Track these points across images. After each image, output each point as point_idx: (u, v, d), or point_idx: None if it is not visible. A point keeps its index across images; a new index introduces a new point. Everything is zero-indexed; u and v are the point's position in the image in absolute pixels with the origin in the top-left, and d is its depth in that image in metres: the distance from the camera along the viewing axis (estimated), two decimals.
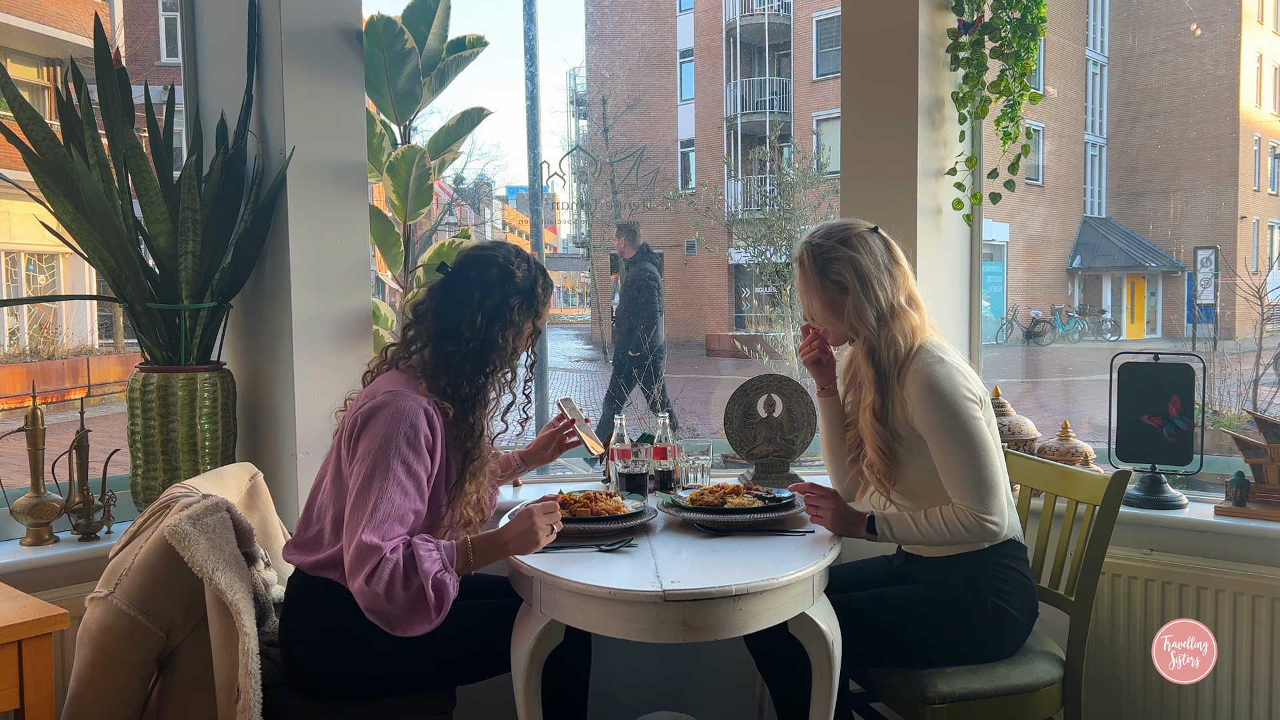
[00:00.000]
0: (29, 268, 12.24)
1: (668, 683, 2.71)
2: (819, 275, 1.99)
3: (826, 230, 2.02)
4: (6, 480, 2.26)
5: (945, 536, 1.92)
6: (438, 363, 1.84)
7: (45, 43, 10.88)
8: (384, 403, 1.79)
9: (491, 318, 1.83)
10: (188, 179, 2.29)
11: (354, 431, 1.81)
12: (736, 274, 21.15)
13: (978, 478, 1.88)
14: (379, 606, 1.72)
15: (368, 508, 1.72)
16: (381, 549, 1.69)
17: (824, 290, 1.99)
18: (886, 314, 1.95)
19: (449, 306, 1.85)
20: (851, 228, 2.01)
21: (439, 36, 2.97)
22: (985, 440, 1.90)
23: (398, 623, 1.74)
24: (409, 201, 2.93)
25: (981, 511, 1.88)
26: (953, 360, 1.95)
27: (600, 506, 2.07)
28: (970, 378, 1.95)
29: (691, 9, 22.75)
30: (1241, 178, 18.18)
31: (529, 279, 1.88)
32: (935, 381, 1.89)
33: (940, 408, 1.88)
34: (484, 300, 1.83)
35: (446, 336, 1.84)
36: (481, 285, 1.84)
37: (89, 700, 1.74)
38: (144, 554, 1.76)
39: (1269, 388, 5.49)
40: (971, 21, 2.51)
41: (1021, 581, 2.01)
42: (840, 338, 2.06)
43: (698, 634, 1.68)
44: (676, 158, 22.72)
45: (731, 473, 2.74)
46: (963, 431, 1.88)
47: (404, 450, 1.75)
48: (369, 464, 1.75)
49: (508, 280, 1.85)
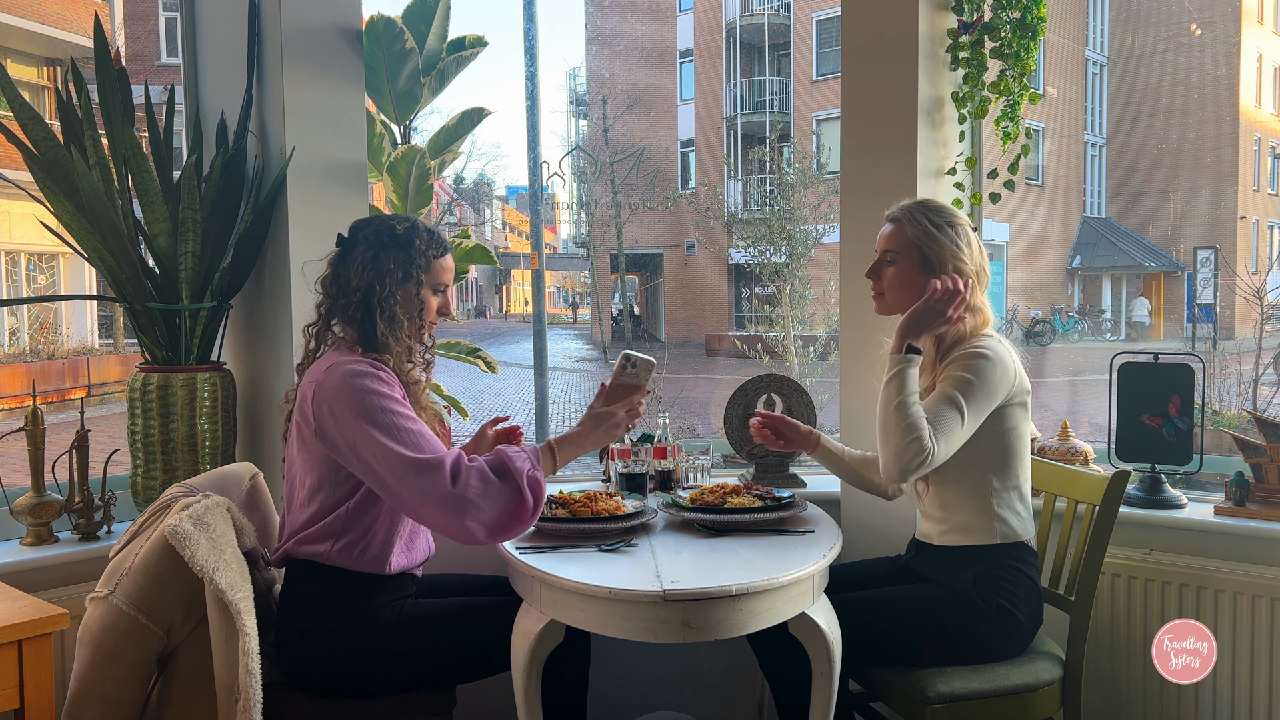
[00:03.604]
0: (29, 268, 12.23)
1: (668, 683, 2.72)
2: (919, 242, 1.99)
3: (938, 206, 2.03)
4: (6, 480, 2.26)
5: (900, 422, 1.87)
6: (344, 321, 1.93)
7: (45, 43, 10.88)
8: (332, 377, 1.81)
9: (369, 267, 1.91)
10: (188, 179, 2.29)
11: (313, 415, 1.81)
12: (736, 274, 21.17)
13: (951, 426, 1.88)
14: (471, 510, 1.72)
15: (395, 449, 1.73)
16: (440, 456, 1.74)
17: (913, 258, 2.00)
18: (965, 308, 1.97)
19: (342, 268, 1.94)
20: (961, 217, 2.04)
21: (439, 36, 2.97)
22: (971, 414, 1.89)
23: (494, 526, 1.75)
24: (409, 201, 2.93)
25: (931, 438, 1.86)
26: (1003, 350, 1.95)
27: (600, 506, 2.07)
28: (1009, 375, 1.95)
29: (691, 9, 22.75)
30: (1241, 178, 18.18)
31: (409, 233, 1.95)
32: (988, 355, 1.91)
33: (969, 370, 1.90)
34: (365, 253, 1.92)
35: (340, 293, 1.93)
36: (365, 242, 1.93)
37: (89, 700, 1.74)
38: (144, 554, 1.76)
39: (1269, 388, 5.49)
40: (971, 21, 2.51)
41: (1029, 585, 2.01)
42: (894, 307, 2.05)
43: (698, 634, 1.68)
44: (676, 158, 22.73)
45: (731, 473, 2.74)
46: (967, 396, 1.89)
47: (378, 394, 1.78)
48: (362, 427, 1.75)
49: (387, 234, 1.94)
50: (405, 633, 1.87)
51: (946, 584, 2.02)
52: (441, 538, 1.88)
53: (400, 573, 1.93)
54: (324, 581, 1.86)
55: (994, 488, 1.99)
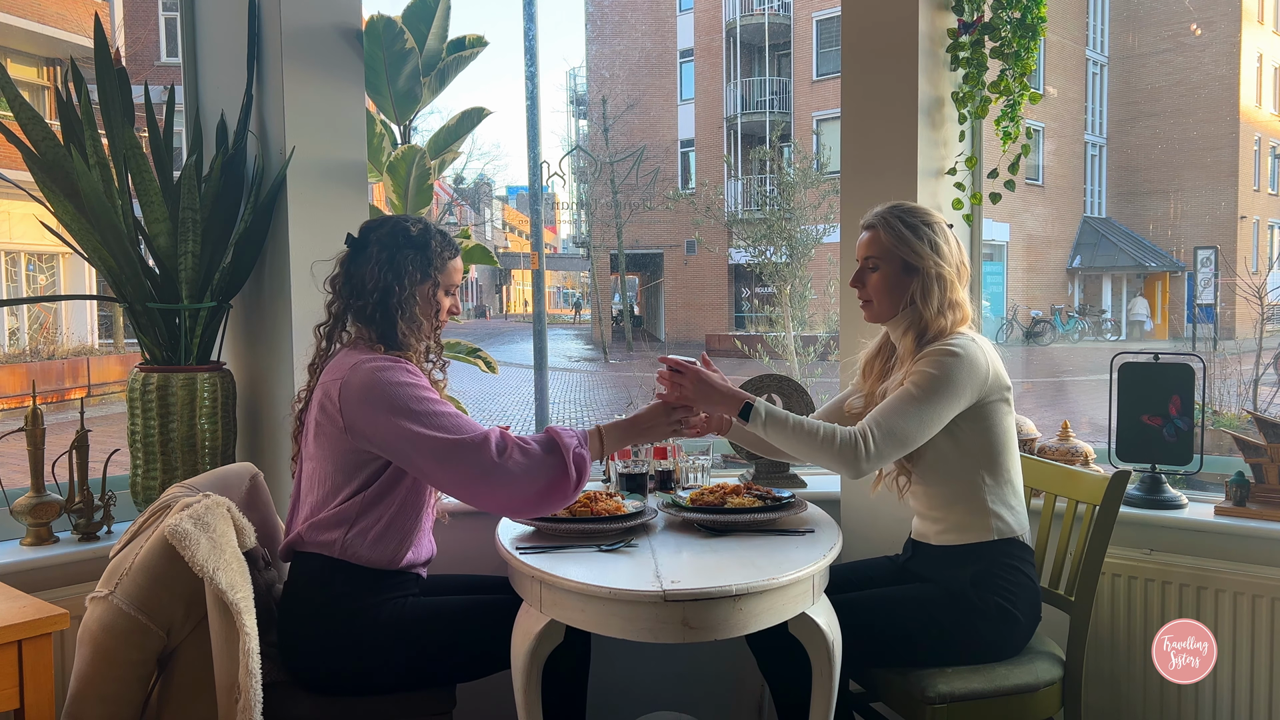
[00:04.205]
0: (29, 268, 12.24)
1: (668, 683, 2.71)
2: (898, 247, 2.01)
3: (910, 209, 2.04)
4: (6, 480, 2.26)
5: (814, 443, 1.89)
6: (359, 322, 1.95)
7: (45, 43, 10.88)
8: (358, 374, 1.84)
9: (386, 267, 1.92)
10: (188, 179, 2.29)
11: (345, 410, 1.83)
12: (736, 274, 21.15)
13: (898, 419, 1.89)
14: (515, 482, 1.80)
15: (436, 435, 1.79)
16: (482, 433, 1.81)
17: (894, 263, 2.01)
18: (945, 305, 1.99)
19: (355, 268, 1.96)
20: (935, 215, 2.05)
21: (439, 36, 2.97)
22: (927, 408, 1.89)
23: (537, 497, 1.82)
24: (409, 201, 2.93)
25: (874, 437, 1.87)
26: (975, 349, 1.95)
27: (600, 507, 2.07)
28: (978, 373, 1.94)
29: (691, 9, 22.74)
30: (1241, 178, 18.17)
31: (423, 234, 1.97)
32: (955, 352, 1.92)
33: (933, 366, 1.91)
34: (380, 254, 1.93)
35: (355, 293, 1.95)
36: (378, 243, 1.95)
37: (89, 700, 1.73)
38: (144, 554, 1.76)
39: (1269, 388, 5.49)
40: (971, 21, 2.51)
41: (1027, 584, 2.01)
42: (883, 314, 2.06)
43: (698, 634, 1.68)
44: (676, 158, 22.71)
45: (731, 473, 2.74)
46: (923, 390, 1.89)
47: (408, 385, 1.83)
48: (399, 422, 1.79)
49: (402, 234, 1.96)
50: (405, 631, 1.87)
51: (944, 584, 2.02)
52: (441, 538, 1.89)
53: (405, 569, 1.94)
54: (328, 576, 1.87)
55: (986, 484, 2.00)
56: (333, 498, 1.89)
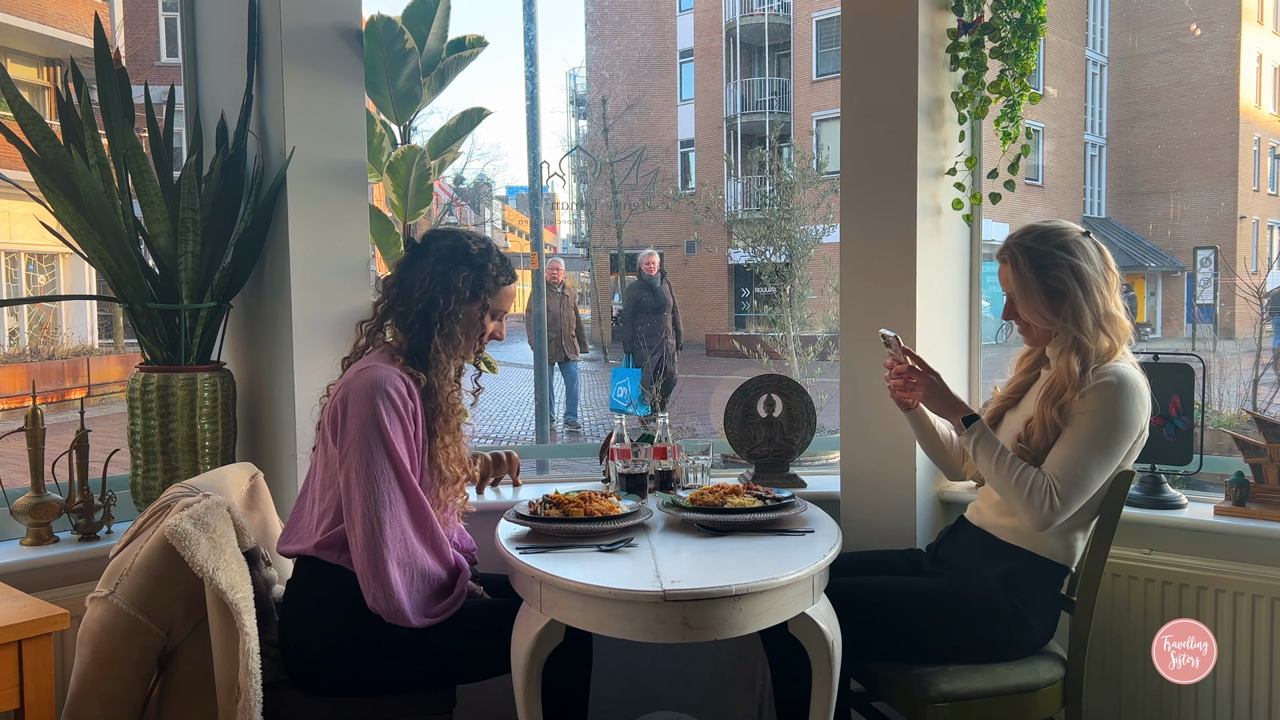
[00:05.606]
0: (29, 268, 12.24)
1: (668, 683, 2.71)
2: (1036, 277, 1.99)
3: (1042, 233, 2.01)
4: (6, 480, 2.26)
5: (1008, 482, 1.93)
6: (397, 327, 1.95)
7: (45, 43, 10.89)
8: (359, 379, 1.86)
9: (438, 280, 1.93)
10: (188, 179, 2.29)
11: (335, 417, 1.86)
12: (736, 274, 21.16)
13: (1084, 470, 1.90)
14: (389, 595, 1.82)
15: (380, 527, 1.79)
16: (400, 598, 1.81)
17: (1039, 292, 1.99)
18: (1102, 318, 1.97)
19: (408, 274, 1.96)
20: (1068, 232, 2.01)
21: (439, 37, 2.97)
22: (1110, 456, 1.92)
23: (390, 612, 1.82)
24: (409, 201, 2.93)
25: (1059, 491, 1.89)
26: (1139, 377, 1.96)
27: (595, 507, 2.06)
28: (1146, 404, 1.96)
29: (691, 9, 22.76)
30: (1241, 178, 18.18)
31: (483, 255, 1.97)
32: (1125, 386, 1.91)
33: (1107, 407, 1.91)
34: (436, 266, 1.93)
35: (401, 299, 1.95)
36: (437, 254, 1.95)
37: (89, 700, 1.74)
38: (144, 554, 1.76)
39: (1269, 388, 5.50)
40: (971, 21, 2.51)
41: (1050, 602, 2.02)
42: (1040, 340, 2.07)
43: (698, 634, 1.68)
44: (676, 158, 22.73)
45: (731, 473, 2.74)
46: (1104, 436, 1.90)
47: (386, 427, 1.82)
48: (359, 450, 1.79)
49: (461, 251, 1.95)
50: (406, 632, 1.87)
51: (968, 575, 2.03)
52: None
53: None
54: (330, 577, 1.87)
55: (1076, 513, 1.97)
56: (328, 517, 1.88)
